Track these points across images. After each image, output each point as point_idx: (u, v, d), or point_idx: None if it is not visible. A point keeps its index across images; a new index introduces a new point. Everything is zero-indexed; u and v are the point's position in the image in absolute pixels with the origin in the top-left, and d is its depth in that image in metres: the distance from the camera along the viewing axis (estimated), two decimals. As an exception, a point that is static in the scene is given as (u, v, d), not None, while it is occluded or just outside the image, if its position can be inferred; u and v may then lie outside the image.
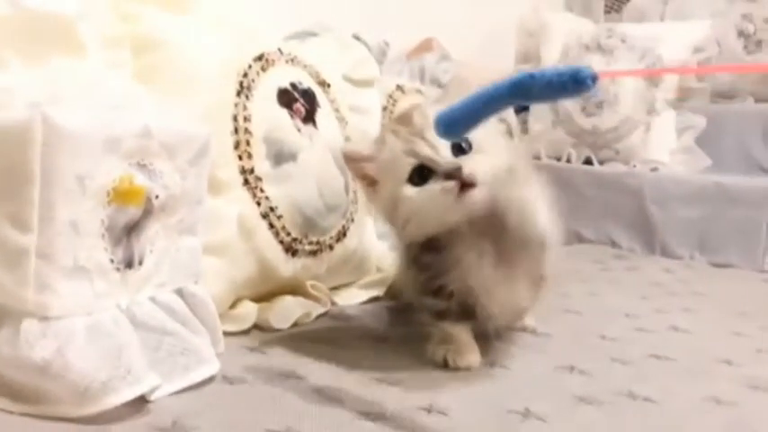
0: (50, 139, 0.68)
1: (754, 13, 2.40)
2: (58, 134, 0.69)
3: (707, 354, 1.06)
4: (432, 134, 0.83)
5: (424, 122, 0.85)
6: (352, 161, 0.94)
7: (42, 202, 0.69)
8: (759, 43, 2.39)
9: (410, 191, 0.85)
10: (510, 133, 2.05)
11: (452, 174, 0.82)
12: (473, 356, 0.93)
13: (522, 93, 0.62)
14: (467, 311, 0.92)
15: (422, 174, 0.85)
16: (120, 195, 0.75)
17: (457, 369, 0.91)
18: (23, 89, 0.74)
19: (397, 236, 0.97)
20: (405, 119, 0.90)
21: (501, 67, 2.41)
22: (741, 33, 2.41)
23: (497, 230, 0.85)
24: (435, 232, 0.87)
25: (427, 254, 0.91)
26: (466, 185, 0.81)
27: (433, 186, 0.83)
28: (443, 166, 0.83)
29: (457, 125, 0.68)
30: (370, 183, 0.92)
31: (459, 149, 0.85)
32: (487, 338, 0.97)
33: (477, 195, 0.82)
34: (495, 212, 0.83)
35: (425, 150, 0.84)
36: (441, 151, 0.84)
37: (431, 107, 0.86)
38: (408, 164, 0.85)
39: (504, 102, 0.64)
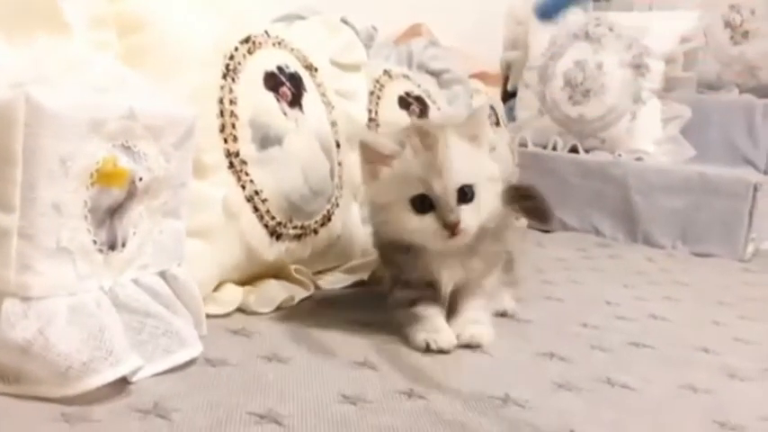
0: (33, 119, 0.68)
1: (741, 4, 2.40)
2: (41, 115, 0.68)
3: (685, 342, 1.07)
4: (448, 173, 0.90)
5: (445, 155, 0.90)
6: (370, 152, 0.95)
7: (25, 182, 0.68)
8: (746, 34, 2.40)
9: (409, 217, 0.92)
10: (497, 122, 2.05)
11: (450, 222, 0.90)
12: (452, 337, 0.94)
13: None
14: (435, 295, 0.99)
15: (423, 202, 0.91)
16: (104, 177, 0.75)
17: (439, 351, 0.92)
18: (7, 69, 0.73)
19: (373, 233, 1.06)
20: (429, 140, 0.92)
21: (489, 55, 2.42)
22: (728, 24, 2.42)
23: None
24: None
25: (398, 253, 0.99)
26: (456, 233, 0.90)
27: (431, 224, 0.91)
28: (447, 216, 0.90)
29: (551, 11, 0.77)
30: (374, 174, 0.95)
31: (463, 196, 0.91)
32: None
33: (462, 240, 0.93)
34: None
35: (439, 191, 0.90)
36: (450, 195, 0.90)
37: (454, 136, 0.93)
38: (417, 188, 0.91)
39: None
